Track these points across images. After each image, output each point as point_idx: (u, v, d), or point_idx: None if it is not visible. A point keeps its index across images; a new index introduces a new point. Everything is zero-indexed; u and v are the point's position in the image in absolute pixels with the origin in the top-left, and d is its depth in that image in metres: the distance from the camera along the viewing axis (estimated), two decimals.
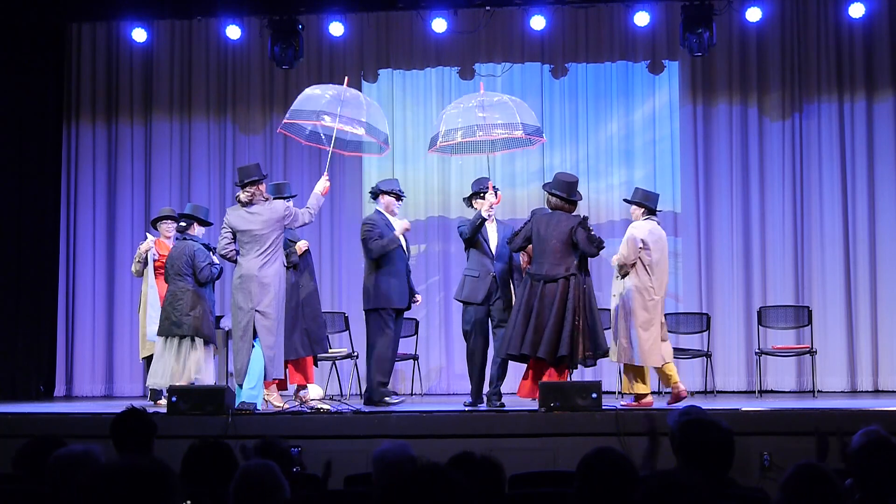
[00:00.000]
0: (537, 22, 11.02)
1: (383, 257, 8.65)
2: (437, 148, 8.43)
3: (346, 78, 8.98)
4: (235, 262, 8.17)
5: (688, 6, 10.59)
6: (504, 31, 11.58)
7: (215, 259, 8.74)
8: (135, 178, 11.87)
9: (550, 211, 8.11)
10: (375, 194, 8.97)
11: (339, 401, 8.77)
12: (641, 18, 10.94)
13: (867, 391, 10.77)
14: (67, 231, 11.78)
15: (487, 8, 11.16)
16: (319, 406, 8.15)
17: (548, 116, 11.57)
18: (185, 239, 8.78)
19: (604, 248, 8.01)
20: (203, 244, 8.78)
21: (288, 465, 4.74)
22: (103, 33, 11.91)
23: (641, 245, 8.07)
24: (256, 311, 7.96)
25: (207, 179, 11.84)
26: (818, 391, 10.14)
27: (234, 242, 8.12)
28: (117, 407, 5.80)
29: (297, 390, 8.85)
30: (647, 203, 8.28)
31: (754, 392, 10.28)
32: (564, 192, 7.95)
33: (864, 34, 11.10)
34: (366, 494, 4.57)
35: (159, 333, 8.71)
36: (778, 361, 10.73)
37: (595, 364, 8.43)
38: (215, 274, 8.79)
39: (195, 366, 8.63)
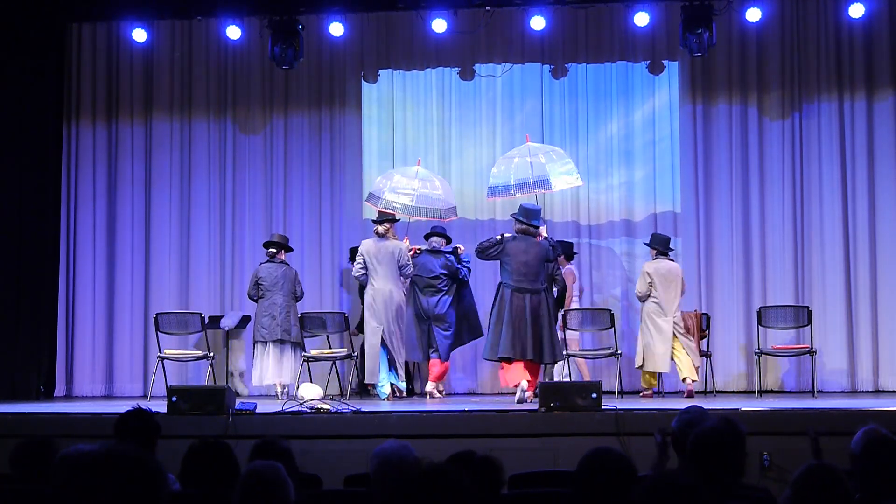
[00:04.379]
0: (537, 22, 11.01)
1: None
2: (497, 199, 10.31)
3: (419, 159, 10.78)
4: (365, 284, 9.82)
5: (688, 6, 10.58)
6: (504, 31, 11.57)
7: None
8: (135, 179, 11.86)
9: (519, 235, 9.17)
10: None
11: (339, 401, 8.77)
12: (641, 19, 10.94)
13: (867, 391, 10.77)
14: (67, 231, 11.77)
15: (487, 8, 11.16)
16: (319, 406, 8.14)
17: (548, 116, 11.58)
18: (282, 262, 10.40)
19: (560, 256, 9.79)
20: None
21: (290, 466, 4.74)
22: (103, 33, 11.91)
23: (650, 280, 9.97)
24: (383, 325, 9.61)
25: (207, 179, 11.83)
26: (818, 391, 10.14)
27: (366, 268, 9.76)
28: (117, 407, 5.81)
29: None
30: (655, 245, 10.12)
31: (754, 392, 10.28)
32: (526, 218, 9.16)
33: (864, 34, 11.10)
34: (366, 494, 4.57)
35: (268, 339, 10.19)
36: (778, 361, 10.73)
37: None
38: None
39: (297, 366, 10.25)
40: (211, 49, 11.85)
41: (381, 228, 9.85)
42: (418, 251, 10.26)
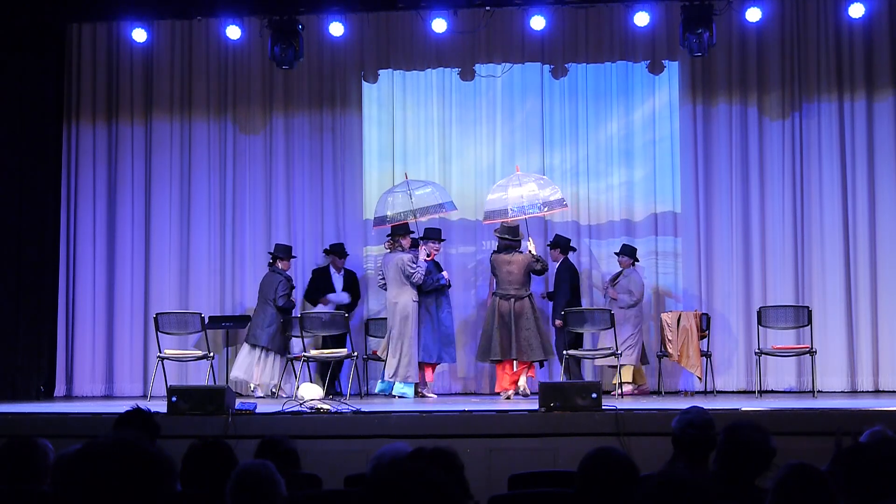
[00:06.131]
0: (537, 22, 11.00)
1: None
2: (494, 221, 10.49)
3: (406, 174, 10.90)
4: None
5: (688, 6, 10.57)
6: (504, 31, 11.57)
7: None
8: (135, 179, 11.86)
9: (503, 250, 10.12)
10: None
11: (339, 401, 8.77)
12: (641, 18, 10.93)
13: (867, 391, 10.77)
14: (67, 231, 11.77)
15: (487, 8, 11.15)
16: (319, 406, 8.15)
17: (548, 116, 11.58)
18: (273, 271, 10.79)
19: (547, 269, 10.51)
20: (286, 277, 10.81)
21: (293, 465, 4.74)
22: (103, 33, 11.90)
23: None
24: (395, 329, 10.20)
25: (207, 179, 11.83)
26: (818, 391, 10.14)
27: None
28: (117, 407, 5.81)
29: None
30: (631, 255, 10.72)
31: (754, 392, 10.28)
32: (508, 234, 10.16)
33: (864, 34, 11.10)
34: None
35: (248, 341, 10.75)
36: (778, 361, 10.73)
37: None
38: (287, 304, 10.70)
39: (268, 369, 10.69)
40: (211, 49, 11.85)
41: (385, 245, 10.61)
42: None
